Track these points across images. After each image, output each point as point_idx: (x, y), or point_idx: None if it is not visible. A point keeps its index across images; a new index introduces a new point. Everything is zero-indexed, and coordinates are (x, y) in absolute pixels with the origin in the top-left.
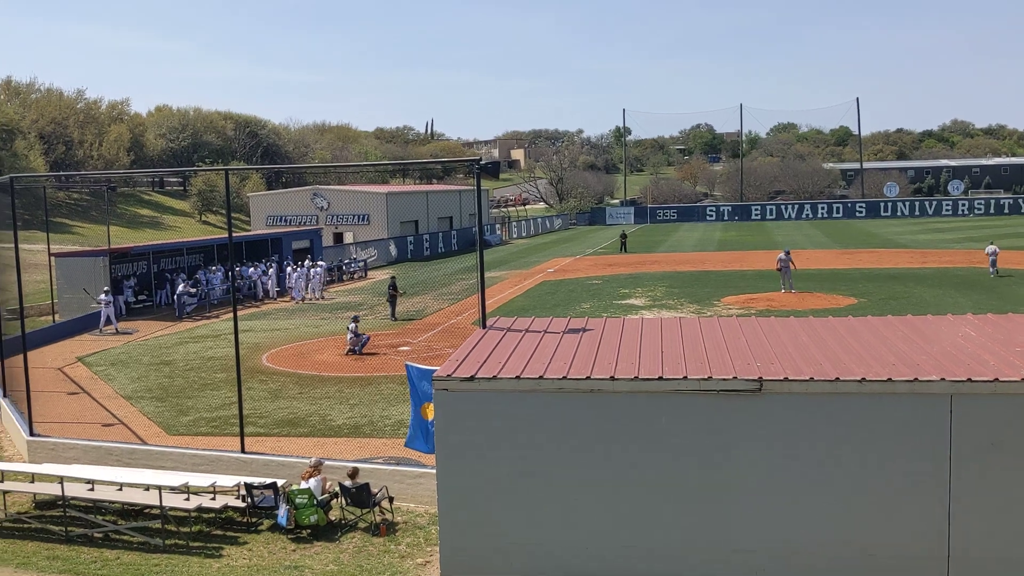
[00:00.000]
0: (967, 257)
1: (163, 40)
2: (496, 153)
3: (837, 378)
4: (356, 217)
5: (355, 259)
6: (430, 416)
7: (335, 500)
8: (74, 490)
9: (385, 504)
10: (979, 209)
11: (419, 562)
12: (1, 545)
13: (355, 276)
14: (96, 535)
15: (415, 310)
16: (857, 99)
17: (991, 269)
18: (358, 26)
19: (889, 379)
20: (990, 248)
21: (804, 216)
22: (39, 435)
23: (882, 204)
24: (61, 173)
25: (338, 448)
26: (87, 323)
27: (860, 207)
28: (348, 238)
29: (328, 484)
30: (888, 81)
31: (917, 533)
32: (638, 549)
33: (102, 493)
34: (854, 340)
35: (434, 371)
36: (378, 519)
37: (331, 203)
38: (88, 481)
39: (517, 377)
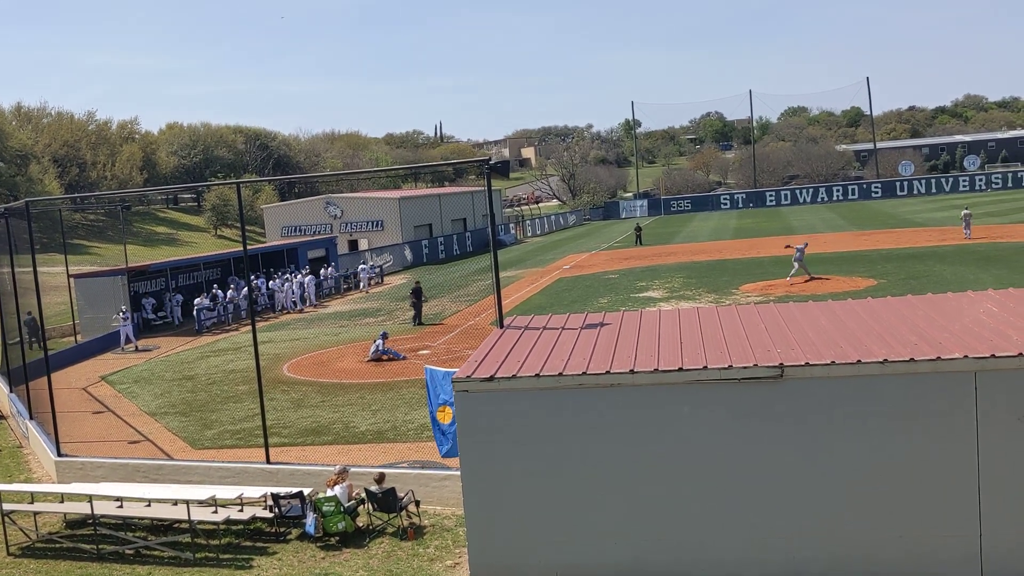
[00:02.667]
0: (987, 232)
1: (170, 58)
2: (507, 152)
3: (859, 360)
4: (370, 223)
5: (372, 265)
6: (446, 420)
7: (362, 506)
8: (103, 508)
9: (412, 508)
10: (996, 183)
11: (448, 564)
12: (34, 565)
13: (371, 282)
14: (127, 552)
15: (433, 313)
16: (867, 78)
17: (966, 231)
18: (363, 34)
19: (911, 359)
20: (965, 212)
21: (819, 199)
22: (67, 455)
23: (898, 183)
24: (76, 195)
25: (362, 454)
26: (108, 342)
27: (876, 187)
28: (363, 245)
29: (356, 491)
30: (898, 59)
31: (947, 512)
32: (665, 541)
33: (131, 510)
34: (874, 322)
35: (453, 373)
36: (405, 523)
37: (344, 211)
38: (117, 499)
39: (537, 375)
